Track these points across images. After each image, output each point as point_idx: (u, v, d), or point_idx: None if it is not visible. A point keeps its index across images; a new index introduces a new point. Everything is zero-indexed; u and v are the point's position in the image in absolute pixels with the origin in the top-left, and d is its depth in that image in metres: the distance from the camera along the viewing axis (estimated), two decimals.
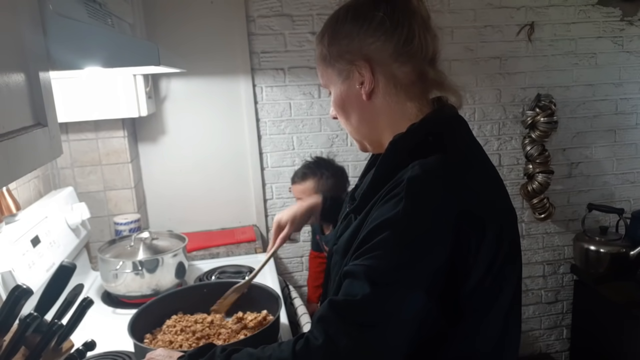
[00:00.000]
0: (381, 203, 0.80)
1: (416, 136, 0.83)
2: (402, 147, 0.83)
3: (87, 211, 1.70)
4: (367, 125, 0.90)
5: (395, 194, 0.77)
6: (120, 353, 1.27)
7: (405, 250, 0.74)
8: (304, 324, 1.45)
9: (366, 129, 0.91)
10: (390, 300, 0.74)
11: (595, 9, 2.43)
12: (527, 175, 2.49)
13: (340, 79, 0.89)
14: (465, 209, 0.76)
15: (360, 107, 0.89)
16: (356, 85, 0.87)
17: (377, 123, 0.89)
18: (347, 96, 0.89)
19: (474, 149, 0.88)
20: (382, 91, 0.86)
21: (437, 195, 0.77)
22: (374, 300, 0.74)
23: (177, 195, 2.25)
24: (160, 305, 1.34)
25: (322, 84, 0.94)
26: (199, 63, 2.15)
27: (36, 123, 0.74)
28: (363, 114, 0.89)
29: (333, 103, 0.92)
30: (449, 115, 0.88)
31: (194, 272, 1.81)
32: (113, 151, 1.99)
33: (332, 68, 0.89)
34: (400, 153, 0.83)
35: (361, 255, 0.78)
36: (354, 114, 0.90)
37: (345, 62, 0.87)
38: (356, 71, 0.86)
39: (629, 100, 2.56)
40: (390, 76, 0.85)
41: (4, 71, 0.65)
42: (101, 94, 1.76)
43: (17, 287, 0.80)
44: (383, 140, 0.89)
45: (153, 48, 0.96)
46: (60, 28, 0.85)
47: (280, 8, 2.19)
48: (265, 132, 2.29)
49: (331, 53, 0.88)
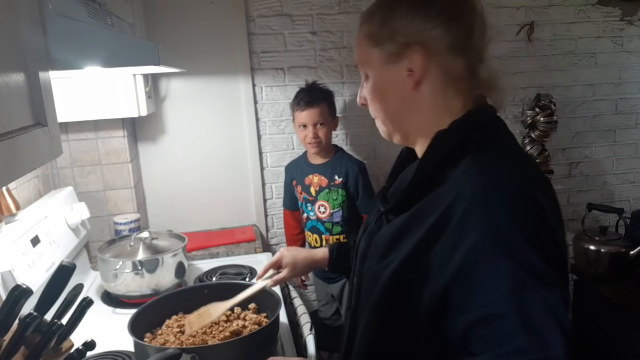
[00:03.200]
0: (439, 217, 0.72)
1: (461, 133, 0.78)
2: (447, 144, 0.78)
3: (87, 211, 1.70)
4: (404, 115, 0.84)
5: (468, 212, 0.69)
6: (120, 353, 1.27)
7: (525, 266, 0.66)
8: (304, 324, 1.44)
9: (402, 119, 0.85)
10: (547, 319, 0.64)
11: (595, 9, 2.43)
12: None
13: (385, 63, 0.82)
14: (544, 205, 0.72)
15: (402, 96, 0.82)
16: (404, 72, 0.80)
17: (417, 115, 0.83)
18: (390, 82, 0.83)
19: (518, 148, 0.84)
20: (431, 82, 0.80)
21: (523, 198, 0.71)
22: (536, 328, 0.64)
23: (177, 195, 2.25)
24: (160, 305, 1.34)
25: (360, 64, 0.86)
26: (199, 63, 2.15)
27: (36, 123, 0.74)
28: (403, 103, 0.83)
29: (371, 87, 0.85)
30: (492, 114, 0.84)
31: (194, 272, 1.81)
32: (113, 151, 1.99)
33: (379, 49, 0.82)
34: (444, 150, 0.78)
35: (467, 297, 0.68)
36: (393, 102, 0.84)
37: (397, 45, 0.80)
38: (408, 57, 0.79)
39: (629, 100, 2.56)
40: (442, 68, 0.80)
41: (4, 71, 0.64)
42: (101, 94, 1.76)
43: (17, 287, 0.80)
44: (417, 134, 0.85)
45: (153, 48, 0.96)
46: (60, 28, 0.85)
47: (280, 8, 2.19)
48: (265, 132, 2.29)
49: (382, 33, 0.81)
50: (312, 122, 1.97)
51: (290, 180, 2.17)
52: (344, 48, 2.27)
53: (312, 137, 1.98)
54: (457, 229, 0.70)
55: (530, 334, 0.63)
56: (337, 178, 2.05)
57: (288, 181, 2.19)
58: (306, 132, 1.99)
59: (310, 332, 1.38)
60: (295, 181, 2.14)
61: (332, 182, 2.05)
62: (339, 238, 2.08)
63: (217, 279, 1.73)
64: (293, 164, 2.19)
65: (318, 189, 2.07)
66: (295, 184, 2.14)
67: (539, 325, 0.63)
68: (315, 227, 2.10)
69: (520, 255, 0.66)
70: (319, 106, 1.98)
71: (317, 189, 2.07)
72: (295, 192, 2.15)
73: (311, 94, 2.01)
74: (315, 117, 1.97)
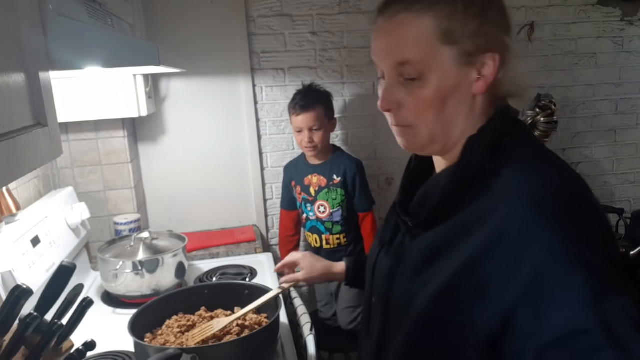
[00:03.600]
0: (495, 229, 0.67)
1: (494, 138, 0.74)
2: (482, 150, 0.73)
3: (87, 211, 1.70)
4: (455, 123, 0.75)
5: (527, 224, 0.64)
6: (120, 353, 1.27)
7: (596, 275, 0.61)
8: (304, 324, 1.44)
9: (452, 127, 0.75)
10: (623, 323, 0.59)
11: (595, 9, 2.43)
12: None
13: (456, 63, 0.72)
14: (597, 206, 0.69)
15: (461, 101, 0.74)
16: (474, 75, 0.73)
17: (464, 122, 0.76)
18: (456, 85, 0.73)
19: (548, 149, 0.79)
20: (489, 87, 0.74)
21: (579, 202, 0.67)
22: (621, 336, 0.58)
23: (177, 195, 2.25)
24: (160, 305, 1.34)
25: (415, 62, 0.72)
26: (199, 63, 2.15)
27: (36, 123, 0.74)
28: (460, 109, 0.74)
29: (432, 91, 0.72)
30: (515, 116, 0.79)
31: (194, 272, 1.81)
32: (113, 151, 1.99)
33: (450, 48, 0.71)
34: (479, 157, 0.73)
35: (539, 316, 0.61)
36: (451, 108, 0.74)
37: (477, 46, 0.71)
38: (481, 60, 0.72)
39: (629, 100, 2.56)
40: (502, 72, 0.73)
41: (4, 71, 0.64)
42: (101, 94, 1.76)
43: (17, 287, 0.80)
44: (456, 142, 0.77)
45: (153, 48, 0.96)
46: (60, 28, 0.85)
47: (280, 8, 2.19)
48: (265, 132, 2.29)
49: (462, 30, 0.71)
50: (307, 126, 1.96)
51: (288, 181, 2.17)
52: (344, 48, 2.27)
53: (308, 141, 1.97)
54: (516, 243, 0.64)
55: (616, 346, 0.57)
56: (336, 177, 2.04)
57: (286, 181, 2.18)
58: (302, 136, 1.99)
59: (310, 332, 1.38)
60: (294, 181, 2.13)
61: (330, 182, 2.05)
62: (339, 237, 2.08)
63: (217, 279, 1.73)
64: (292, 164, 2.18)
65: (317, 189, 2.06)
66: (294, 185, 2.13)
67: (623, 336, 0.58)
68: (315, 227, 2.10)
69: (590, 262, 0.62)
70: (314, 110, 1.96)
71: (316, 188, 2.07)
72: (293, 192, 2.15)
73: (307, 97, 1.99)
74: (310, 121, 1.95)
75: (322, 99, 2.02)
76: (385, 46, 0.75)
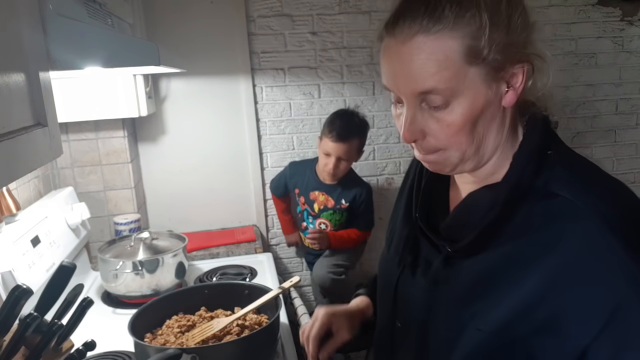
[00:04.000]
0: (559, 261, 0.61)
1: (538, 152, 0.69)
2: (531, 167, 0.68)
3: (87, 211, 1.70)
4: (487, 138, 0.69)
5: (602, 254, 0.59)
6: (120, 353, 1.26)
7: None
8: (303, 324, 1.44)
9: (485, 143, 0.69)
10: None
11: (595, 9, 2.43)
12: None
13: (485, 82, 0.64)
14: None
15: (492, 117, 0.67)
16: (504, 88, 0.66)
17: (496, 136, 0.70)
18: (487, 104, 0.65)
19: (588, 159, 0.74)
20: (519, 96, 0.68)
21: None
22: None
23: (177, 195, 2.25)
24: (160, 305, 1.34)
25: (442, 90, 0.63)
26: (199, 63, 2.15)
27: (36, 123, 0.74)
28: (492, 124, 0.68)
29: (462, 116, 0.65)
30: (555, 126, 0.75)
31: (194, 272, 1.81)
32: (113, 151, 1.99)
33: (477, 67, 0.63)
34: (529, 174, 0.67)
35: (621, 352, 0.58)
36: (482, 126, 0.67)
37: (506, 58, 0.64)
38: (509, 71, 0.65)
39: (629, 100, 2.56)
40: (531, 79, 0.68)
41: (4, 71, 0.64)
42: (101, 94, 1.76)
43: (17, 287, 0.80)
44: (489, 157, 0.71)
45: (153, 48, 0.96)
46: (60, 28, 0.84)
47: (280, 8, 2.19)
48: (265, 132, 2.29)
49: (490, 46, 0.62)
50: (338, 155, 1.94)
51: (292, 186, 2.15)
52: (344, 48, 2.27)
53: (333, 167, 1.95)
54: (593, 274, 0.59)
55: None
56: (344, 202, 2.04)
57: (288, 178, 2.16)
58: (328, 160, 1.96)
59: None
60: (297, 189, 2.12)
61: (338, 205, 2.05)
62: None
63: (217, 279, 1.73)
64: (299, 170, 2.14)
65: (322, 207, 2.06)
66: (297, 192, 2.12)
67: None
68: None
69: None
70: (350, 143, 1.93)
71: (321, 207, 2.06)
72: (295, 198, 2.14)
73: (349, 127, 1.95)
74: (342, 152, 1.93)
75: (361, 131, 1.99)
76: (401, 73, 0.65)
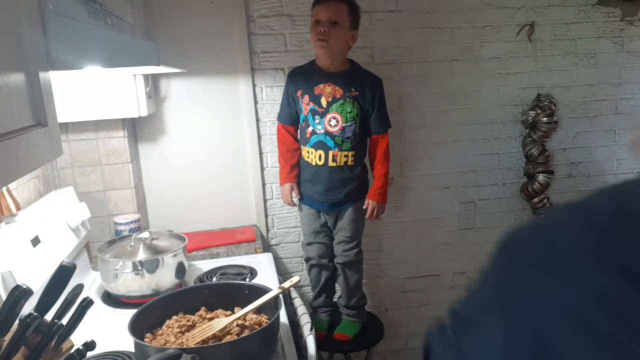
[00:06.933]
0: None
1: None
2: None
3: (87, 211, 1.70)
4: None
5: None
6: (120, 353, 1.26)
7: None
8: (304, 324, 1.44)
9: None
10: None
11: (595, 9, 2.43)
12: (528, 175, 2.49)
13: None
14: None
15: None
16: None
17: None
18: None
19: None
20: None
21: None
22: None
23: (177, 196, 2.25)
24: (160, 305, 1.34)
25: None
26: (199, 63, 2.15)
27: (36, 123, 0.74)
28: None
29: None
30: None
31: (194, 272, 1.81)
32: (113, 151, 1.99)
33: None
34: None
35: None
36: None
37: None
38: None
39: (629, 100, 2.56)
40: None
41: (4, 71, 0.64)
42: (101, 94, 1.76)
43: (17, 287, 0.80)
44: None
45: (153, 48, 0.96)
46: (60, 28, 0.85)
47: (280, 8, 2.19)
48: (265, 132, 2.29)
49: None
50: (327, 17, 1.79)
51: (293, 90, 1.98)
52: None
53: (322, 31, 1.79)
54: None
55: None
56: (354, 90, 1.88)
57: (290, 91, 2.00)
58: (318, 27, 1.81)
59: (310, 332, 1.38)
60: (300, 91, 1.96)
61: (347, 93, 1.88)
62: (347, 155, 1.93)
63: (217, 279, 1.73)
64: (299, 71, 2.00)
65: (330, 100, 1.90)
66: (300, 94, 1.96)
67: None
68: (322, 142, 1.93)
69: None
70: (339, 3, 1.81)
71: (329, 99, 1.90)
72: (299, 104, 1.98)
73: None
74: (332, 13, 1.79)
75: (349, 0, 1.87)
76: None
